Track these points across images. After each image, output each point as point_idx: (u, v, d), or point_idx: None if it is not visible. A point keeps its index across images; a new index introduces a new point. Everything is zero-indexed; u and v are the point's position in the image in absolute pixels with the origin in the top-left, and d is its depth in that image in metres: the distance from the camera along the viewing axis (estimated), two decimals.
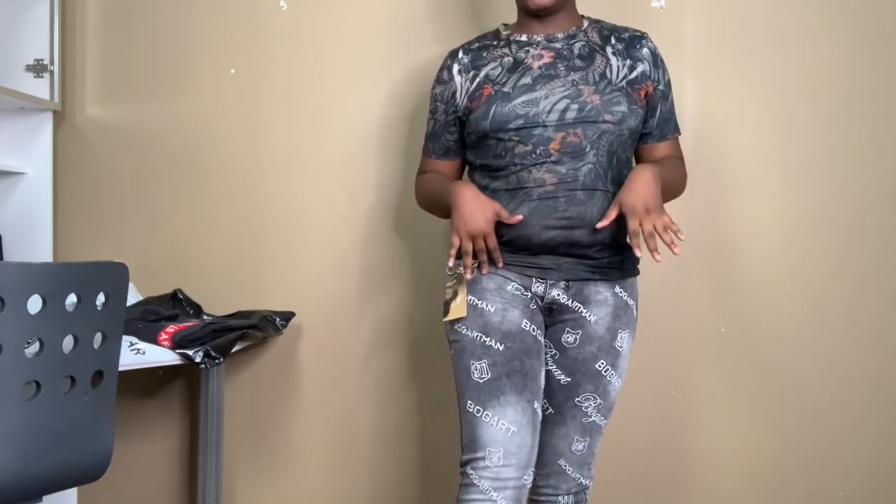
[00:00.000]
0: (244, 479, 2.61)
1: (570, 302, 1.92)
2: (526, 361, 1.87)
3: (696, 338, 2.49)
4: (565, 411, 1.94)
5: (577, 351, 1.93)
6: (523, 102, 1.89)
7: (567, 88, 1.89)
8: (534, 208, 1.87)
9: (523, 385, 1.85)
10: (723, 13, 2.48)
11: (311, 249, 2.57)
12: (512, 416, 1.83)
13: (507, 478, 1.82)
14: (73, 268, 1.80)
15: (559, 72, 1.91)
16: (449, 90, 2.00)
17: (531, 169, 1.87)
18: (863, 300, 2.46)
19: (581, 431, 1.94)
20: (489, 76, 1.94)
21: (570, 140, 1.86)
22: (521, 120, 1.88)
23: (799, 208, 2.47)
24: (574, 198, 1.86)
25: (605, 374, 1.93)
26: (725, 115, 2.48)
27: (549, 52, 1.94)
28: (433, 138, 2.07)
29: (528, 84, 1.90)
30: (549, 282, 1.91)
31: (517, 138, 1.88)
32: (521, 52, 1.95)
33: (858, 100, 2.45)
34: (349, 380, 2.58)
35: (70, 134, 2.63)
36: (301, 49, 2.57)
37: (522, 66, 1.93)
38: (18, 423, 1.67)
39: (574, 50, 1.94)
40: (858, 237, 2.46)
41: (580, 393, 1.93)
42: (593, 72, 1.92)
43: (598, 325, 1.92)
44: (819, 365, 2.47)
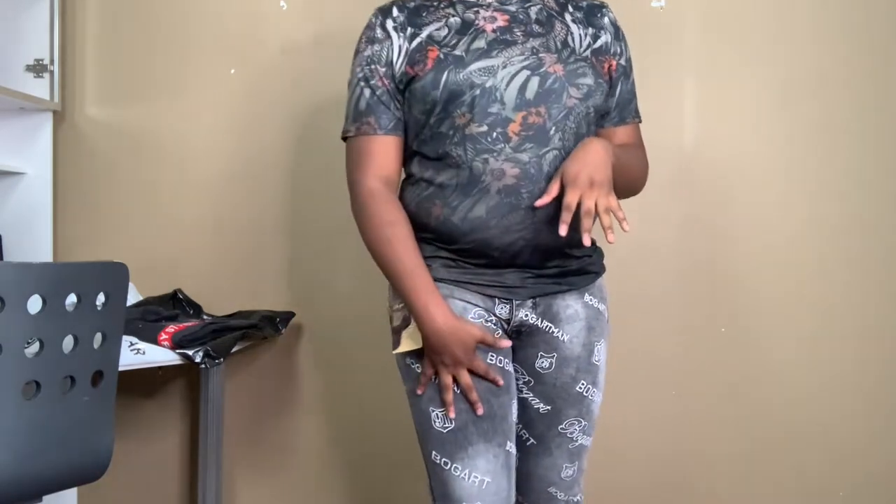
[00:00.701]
0: (244, 479, 2.61)
1: (539, 322, 1.67)
2: (493, 401, 1.62)
3: (695, 338, 2.49)
4: (549, 440, 1.72)
5: (554, 376, 1.69)
6: (479, 70, 1.58)
7: (526, 57, 1.61)
8: (493, 207, 1.58)
9: (493, 429, 1.61)
10: (723, 13, 2.48)
11: (311, 249, 2.57)
12: (484, 467, 1.60)
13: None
14: (73, 268, 1.80)
15: (516, 37, 1.63)
16: (386, 49, 1.65)
17: (487, 157, 1.57)
18: (863, 300, 2.46)
19: (569, 457, 1.73)
20: (433, 37, 1.63)
21: (531, 121, 1.58)
22: (476, 90, 1.58)
23: (799, 208, 2.47)
24: (538, 193, 1.57)
25: (587, 395, 1.71)
26: (725, 114, 2.48)
27: (502, 15, 1.65)
28: (375, 110, 1.65)
29: (482, 48, 1.60)
30: (514, 302, 1.65)
31: (470, 115, 1.58)
32: (470, 12, 1.66)
33: (859, 99, 2.45)
34: (349, 380, 2.58)
35: (70, 134, 2.63)
36: (301, 49, 2.57)
37: (474, 27, 1.63)
38: (18, 423, 1.67)
39: (531, 14, 1.67)
40: (859, 237, 2.46)
41: (563, 420, 1.71)
42: (554, 39, 1.65)
43: (574, 344, 1.69)
44: (819, 365, 2.47)
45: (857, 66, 2.45)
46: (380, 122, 1.65)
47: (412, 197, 1.69)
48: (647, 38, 2.48)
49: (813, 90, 2.46)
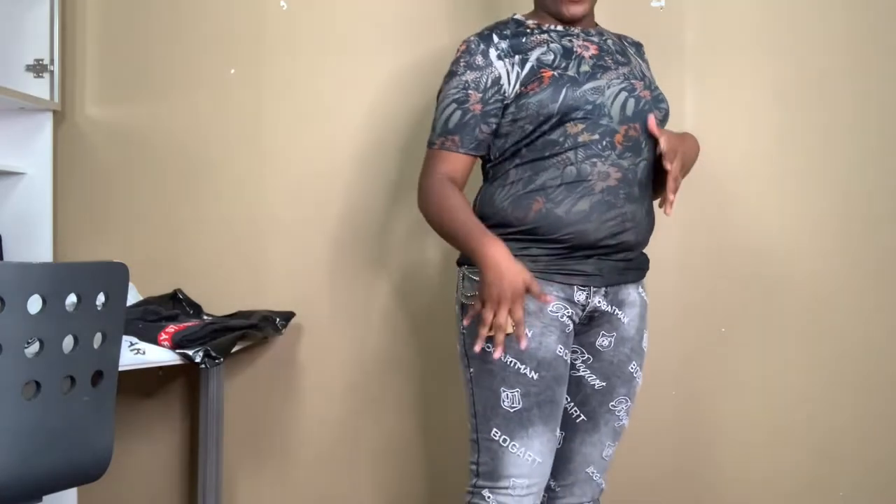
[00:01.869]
0: (244, 479, 2.61)
1: (608, 307, 1.87)
2: (557, 390, 1.80)
3: (695, 338, 2.49)
4: (599, 417, 1.90)
5: (612, 354, 1.89)
6: (591, 89, 1.80)
7: (622, 81, 1.84)
8: (595, 203, 1.78)
9: (551, 415, 1.80)
10: (722, 13, 2.48)
11: (311, 249, 2.57)
12: (538, 448, 1.79)
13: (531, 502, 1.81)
14: (73, 268, 1.80)
15: (609, 64, 1.85)
16: (488, 76, 1.81)
17: (595, 161, 1.78)
18: (863, 300, 2.46)
19: (613, 436, 1.92)
20: (542, 60, 1.82)
21: (631, 134, 1.81)
22: (590, 106, 1.79)
23: (799, 208, 2.47)
24: (632, 195, 1.81)
25: (635, 376, 1.92)
26: (725, 115, 2.48)
27: (592, 45, 1.87)
28: (462, 130, 1.83)
29: (589, 71, 1.82)
30: (591, 288, 1.83)
31: (583, 126, 1.78)
32: (565, 40, 1.86)
33: (858, 99, 2.45)
34: (349, 380, 2.58)
35: (70, 134, 2.63)
36: (301, 49, 2.57)
37: (574, 54, 1.84)
38: (18, 422, 1.67)
39: (610, 46, 1.90)
40: (860, 237, 2.46)
41: (615, 396, 1.90)
42: (634, 69, 1.89)
43: (630, 327, 1.89)
44: (819, 365, 2.47)
45: (858, 66, 2.45)
46: (463, 142, 1.84)
47: (505, 196, 1.84)
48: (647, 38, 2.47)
49: (813, 90, 2.46)
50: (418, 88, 2.51)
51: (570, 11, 1.86)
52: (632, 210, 1.81)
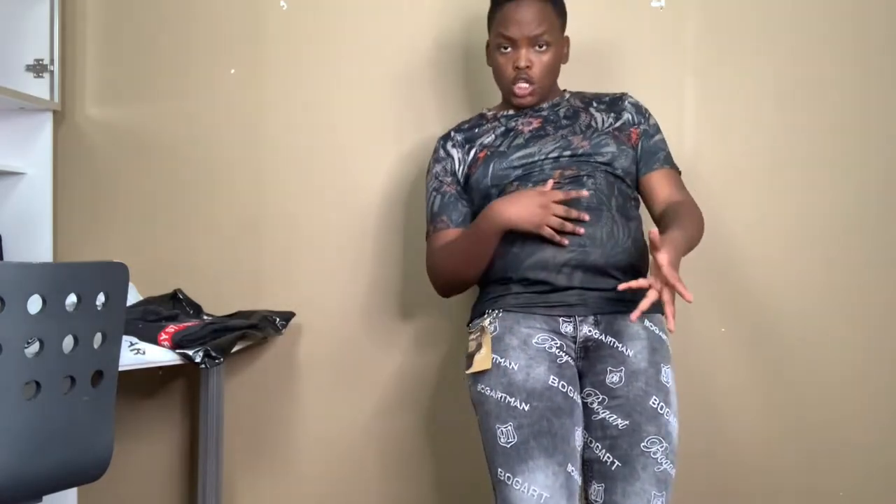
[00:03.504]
0: (244, 480, 2.61)
1: (603, 336, 1.86)
2: (555, 421, 1.75)
3: (696, 338, 2.49)
4: (634, 461, 1.75)
5: (626, 389, 1.81)
6: (519, 157, 1.99)
7: (557, 141, 2.00)
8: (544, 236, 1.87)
9: (553, 446, 1.73)
10: (722, 13, 2.48)
11: (311, 249, 2.57)
12: (542, 482, 1.71)
13: None
14: (73, 268, 1.80)
15: (548, 131, 2.03)
16: (448, 164, 2.09)
17: None
18: (863, 299, 2.46)
19: (657, 484, 1.74)
20: (483, 144, 2.06)
21: (568, 173, 1.94)
22: (519, 170, 1.97)
23: (799, 208, 2.47)
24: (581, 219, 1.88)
25: (661, 413, 1.79)
26: (725, 114, 2.48)
27: (536, 119, 2.07)
28: (446, 210, 2.06)
29: (521, 143, 2.02)
30: (577, 318, 1.87)
31: (517, 184, 1.96)
32: (511, 122, 2.08)
33: (859, 99, 2.45)
34: (349, 380, 2.58)
35: (70, 134, 2.63)
36: (301, 49, 2.57)
37: (514, 131, 2.05)
38: (18, 422, 1.67)
39: (560, 114, 2.07)
40: (860, 236, 2.46)
41: (644, 437, 1.76)
42: (579, 125, 2.04)
43: (639, 359, 1.84)
44: (819, 364, 2.47)
45: (858, 66, 2.45)
46: (451, 218, 2.05)
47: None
48: (647, 38, 2.48)
49: (813, 90, 2.46)
50: (419, 88, 2.51)
51: (517, 102, 2.06)
52: (589, 232, 1.88)
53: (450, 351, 2.52)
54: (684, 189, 2.07)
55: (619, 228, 1.91)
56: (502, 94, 2.13)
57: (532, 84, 2.02)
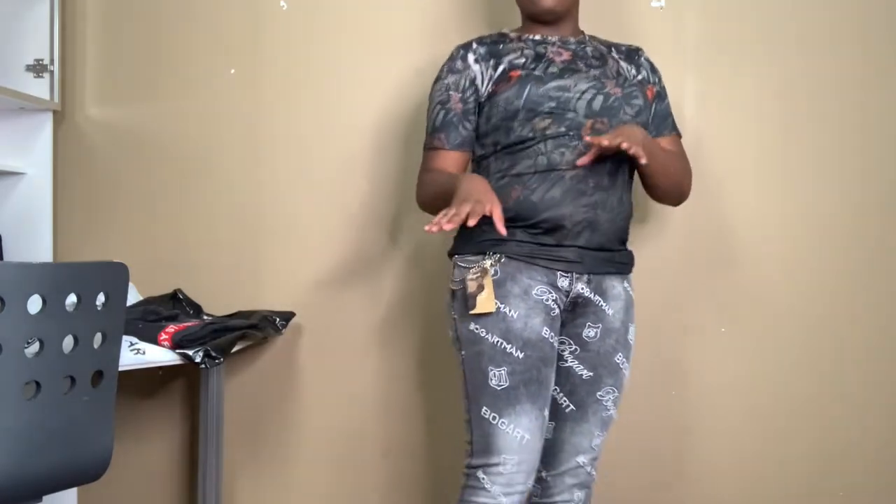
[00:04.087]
0: (244, 479, 2.61)
1: (592, 295, 1.95)
2: (543, 370, 1.88)
3: (696, 337, 2.49)
4: (587, 406, 1.96)
5: (599, 345, 1.96)
6: (555, 87, 1.93)
7: (591, 81, 1.95)
8: (567, 189, 1.89)
9: (538, 393, 1.87)
10: (722, 13, 2.48)
11: (311, 249, 2.57)
12: (526, 425, 1.85)
13: (518, 483, 1.86)
14: (73, 268, 1.80)
15: (580, 67, 1.98)
16: (466, 78, 1.99)
17: (563, 151, 1.89)
18: (864, 299, 2.46)
19: (601, 426, 1.98)
20: (513, 63, 1.97)
21: (598, 127, 1.92)
22: (553, 102, 1.91)
23: (799, 207, 2.47)
24: (601, 182, 1.90)
25: (621, 367, 1.99)
26: (726, 114, 2.48)
27: (566, 51, 2.01)
28: (446, 128, 1.99)
29: (556, 72, 1.95)
30: (574, 275, 1.92)
31: (549, 119, 1.91)
32: (540, 47, 2.01)
33: (859, 99, 2.45)
34: (349, 380, 2.58)
35: (70, 134, 2.63)
36: (301, 49, 2.57)
37: (545, 58, 1.98)
38: (18, 422, 1.67)
39: (587, 52, 2.03)
40: (860, 236, 2.46)
41: (602, 386, 1.96)
42: (609, 69, 2.01)
43: (615, 319, 1.97)
44: (819, 364, 2.47)
45: (859, 65, 2.45)
46: (448, 139, 2.00)
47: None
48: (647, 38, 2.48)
49: (813, 90, 2.46)
50: (419, 88, 2.51)
51: (540, 6, 1.98)
52: (602, 198, 1.90)
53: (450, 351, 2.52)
54: (684, 153, 2.13)
55: (627, 194, 1.98)
56: (523, 8, 2.03)
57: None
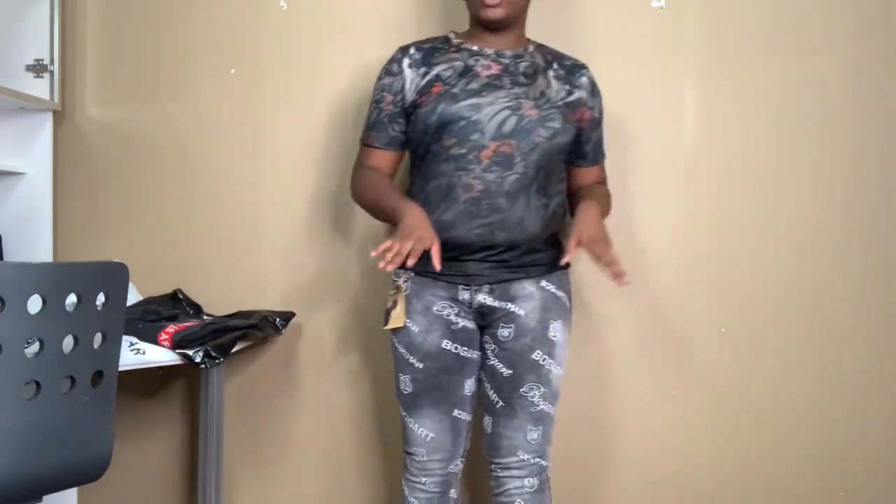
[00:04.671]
0: (244, 479, 2.61)
1: (496, 303, 2.05)
2: (444, 378, 2.07)
3: (696, 338, 2.49)
4: (514, 402, 2.05)
5: (514, 344, 2.05)
6: (469, 106, 2.00)
7: (510, 100, 2.02)
8: (460, 212, 1.99)
9: (441, 398, 2.08)
10: (722, 13, 2.48)
11: (311, 249, 2.57)
12: (430, 426, 2.09)
13: (433, 468, 2.11)
14: (73, 268, 1.80)
15: (504, 83, 2.04)
16: (398, 82, 2.09)
17: (461, 174, 1.99)
18: (864, 300, 2.46)
19: (532, 421, 2.05)
20: (440, 75, 2.05)
21: (503, 149, 1.98)
22: (463, 122, 1.99)
23: (799, 208, 2.47)
24: (496, 205, 1.98)
25: (543, 364, 2.05)
26: (725, 114, 2.48)
27: (496, 65, 2.07)
28: (377, 127, 2.12)
29: (475, 89, 2.02)
30: (473, 287, 2.05)
31: (455, 140, 1.99)
32: (471, 59, 2.08)
33: (859, 99, 2.45)
34: (349, 380, 2.58)
35: (70, 134, 2.63)
36: (301, 49, 2.57)
37: (472, 72, 2.05)
38: (18, 422, 1.67)
39: (519, 67, 2.08)
40: (860, 237, 2.46)
41: (524, 383, 2.04)
42: (535, 89, 2.05)
43: (529, 318, 2.04)
44: (819, 364, 2.47)
45: (858, 66, 2.45)
46: (379, 138, 2.12)
47: None
48: (647, 38, 2.48)
49: (813, 90, 2.46)
50: None
51: (486, 16, 2.04)
52: (499, 219, 1.99)
53: None
54: (605, 176, 2.25)
55: (533, 212, 2.01)
56: (471, 12, 2.09)
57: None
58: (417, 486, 2.15)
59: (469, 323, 2.08)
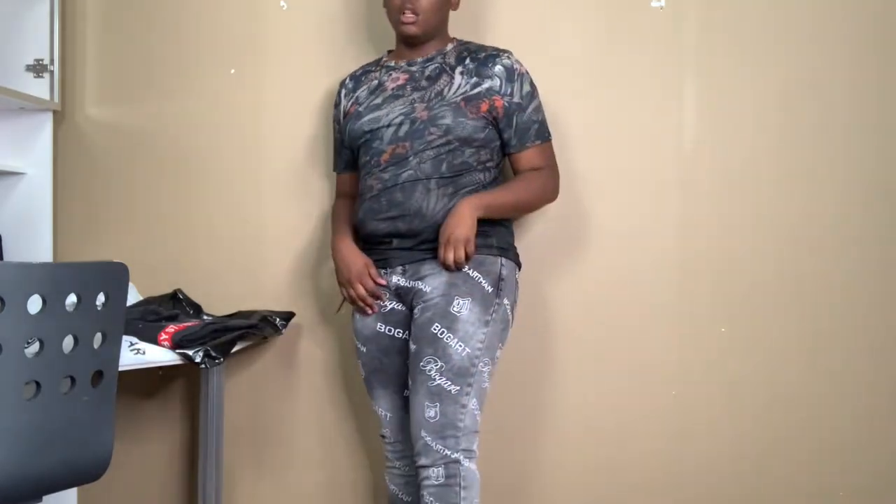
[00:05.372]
0: (244, 479, 2.61)
1: (409, 283, 2.16)
2: (384, 359, 2.22)
3: (695, 338, 2.49)
4: (416, 378, 2.08)
5: (419, 319, 2.11)
6: (369, 120, 2.21)
7: (405, 106, 2.18)
8: (366, 209, 2.18)
9: (387, 379, 2.22)
10: (722, 13, 2.47)
11: (311, 249, 2.57)
12: (385, 405, 2.25)
13: (402, 449, 2.24)
14: (73, 268, 1.80)
15: (405, 92, 2.21)
16: (338, 112, 2.34)
17: (366, 177, 2.20)
18: (863, 300, 2.46)
19: (429, 396, 2.05)
20: (358, 98, 2.27)
21: (398, 151, 2.16)
22: (367, 136, 2.20)
23: (799, 208, 2.47)
24: (393, 199, 2.14)
25: (441, 337, 2.07)
26: (725, 114, 2.48)
27: (404, 75, 2.24)
28: (336, 154, 2.39)
29: (377, 104, 2.22)
30: (388, 270, 2.18)
31: (363, 150, 2.22)
32: (385, 75, 2.27)
33: (859, 99, 2.45)
34: (349, 380, 2.58)
35: (70, 134, 2.63)
36: (301, 49, 2.57)
37: (381, 87, 2.25)
38: (18, 422, 1.67)
39: (426, 72, 2.22)
40: (859, 238, 2.46)
41: (423, 357, 2.07)
42: (431, 90, 2.18)
43: (433, 294, 2.11)
44: (819, 365, 2.47)
45: (857, 67, 2.45)
46: (337, 164, 2.40)
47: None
48: (647, 38, 2.48)
49: (812, 90, 2.46)
50: None
51: (403, 32, 2.20)
52: (399, 212, 2.14)
53: None
54: (548, 158, 2.26)
55: (432, 201, 2.13)
56: (395, 31, 2.24)
57: (417, 14, 2.17)
58: (394, 472, 2.26)
59: (398, 305, 2.19)
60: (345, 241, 2.24)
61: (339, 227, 2.30)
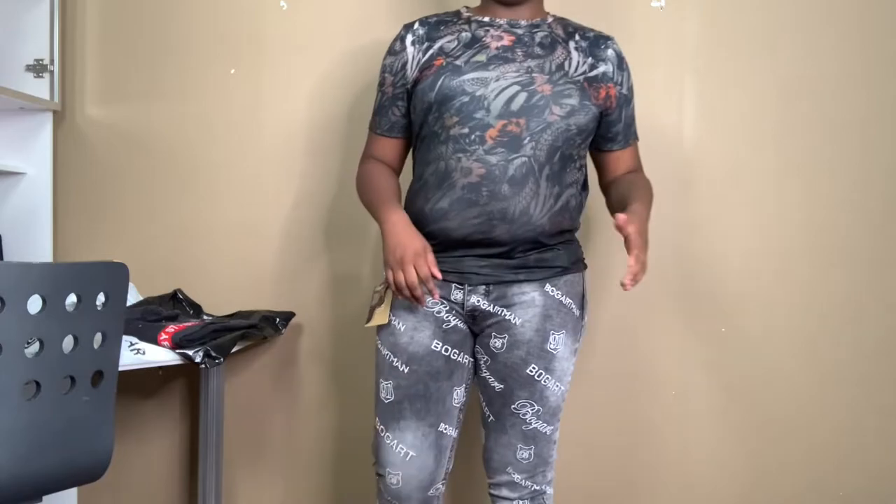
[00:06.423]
0: (244, 479, 2.61)
1: (491, 307, 1.85)
2: (431, 385, 1.85)
3: (695, 338, 2.49)
4: (504, 419, 1.87)
5: (506, 356, 1.85)
6: (473, 80, 1.78)
7: (520, 74, 1.79)
8: (455, 200, 1.79)
9: (426, 409, 1.86)
10: (723, 13, 2.48)
11: (312, 249, 2.57)
12: (411, 441, 1.86)
13: (408, 495, 1.88)
14: (73, 268, 1.80)
15: (516, 56, 1.82)
16: (400, 61, 1.89)
17: (461, 157, 1.77)
18: (863, 300, 2.46)
19: (523, 439, 1.87)
20: (443, 48, 1.84)
21: (510, 129, 1.76)
22: (466, 97, 1.77)
23: (798, 208, 2.47)
24: (498, 192, 1.77)
25: (538, 380, 1.85)
26: (725, 115, 2.48)
27: (509, 36, 1.85)
28: (380, 112, 1.95)
29: (481, 62, 1.80)
30: (467, 287, 1.84)
31: (457, 118, 1.78)
32: (481, 30, 1.86)
33: (858, 99, 2.45)
34: (349, 380, 2.58)
35: (70, 134, 2.63)
36: (301, 49, 2.57)
37: (479, 43, 1.83)
38: (18, 422, 1.67)
39: (535, 38, 1.85)
40: (859, 237, 2.46)
41: (515, 400, 1.85)
42: (551, 62, 1.83)
43: (526, 328, 1.84)
44: (819, 365, 2.47)
45: (859, 66, 2.45)
46: (380, 124, 1.96)
47: (409, 191, 1.93)
48: (647, 38, 2.48)
49: (812, 90, 2.46)
50: None
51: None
52: (500, 208, 1.77)
53: None
54: (639, 158, 2.01)
55: (540, 202, 1.79)
56: None
57: None
58: None
59: (461, 323, 1.87)
60: (400, 214, 1.80)
61: (389, 197, 1.85)
